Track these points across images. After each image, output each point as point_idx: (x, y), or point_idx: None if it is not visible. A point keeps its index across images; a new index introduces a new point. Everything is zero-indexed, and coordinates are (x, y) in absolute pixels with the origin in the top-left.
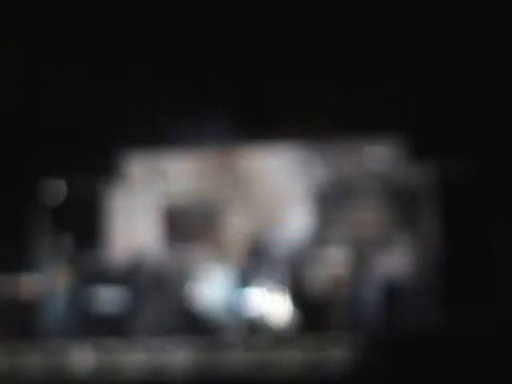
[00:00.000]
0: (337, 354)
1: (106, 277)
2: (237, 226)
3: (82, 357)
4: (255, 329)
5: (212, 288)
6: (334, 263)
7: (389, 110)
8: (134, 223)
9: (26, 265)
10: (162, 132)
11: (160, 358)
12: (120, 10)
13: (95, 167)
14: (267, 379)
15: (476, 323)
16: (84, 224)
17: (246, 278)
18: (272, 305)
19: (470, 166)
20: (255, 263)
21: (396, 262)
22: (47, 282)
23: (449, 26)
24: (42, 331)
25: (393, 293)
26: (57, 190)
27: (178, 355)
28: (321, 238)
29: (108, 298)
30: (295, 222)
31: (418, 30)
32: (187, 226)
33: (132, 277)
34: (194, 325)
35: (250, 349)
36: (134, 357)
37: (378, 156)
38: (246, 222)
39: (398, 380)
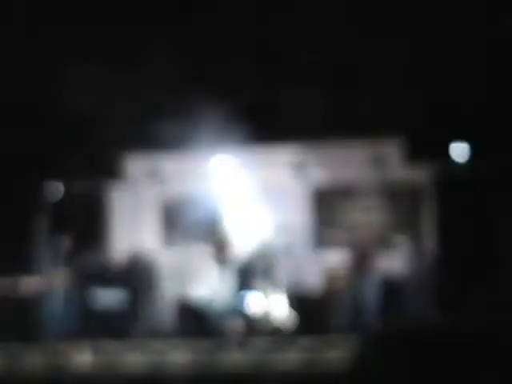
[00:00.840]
0: (336, 354)
1: (106, 277)
2: (237, 227)
3: (82, 357)
4: (255, 330)
5: (212, 289)
6: (333, 264)
7: (389, 110)
8: (133, 224)
9: (25, 265)
10: (162, 134)
11: (159, 359)
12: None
13: (95, 168)
14: (266, 380)
15: (475, 322)
16: (84, 224)
17: (245, 280)
18: (271, 306)
19: (469, 166)
20: (255, 265)
21: (395, 262)
22: (47, 282)
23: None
24: (42, 331)
25: (392, 293)
26: (57, 190)
27: (178, 356)
28: (320, 238)
29: (107, 299)
30: (295, 223)
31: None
32: (187, 226)
33: (131, 277)
34: (194, 325)
35: (249, 350)
36: (133, 357)
37: (378, 156)
38: (246, 222)
39: (397, 379)
